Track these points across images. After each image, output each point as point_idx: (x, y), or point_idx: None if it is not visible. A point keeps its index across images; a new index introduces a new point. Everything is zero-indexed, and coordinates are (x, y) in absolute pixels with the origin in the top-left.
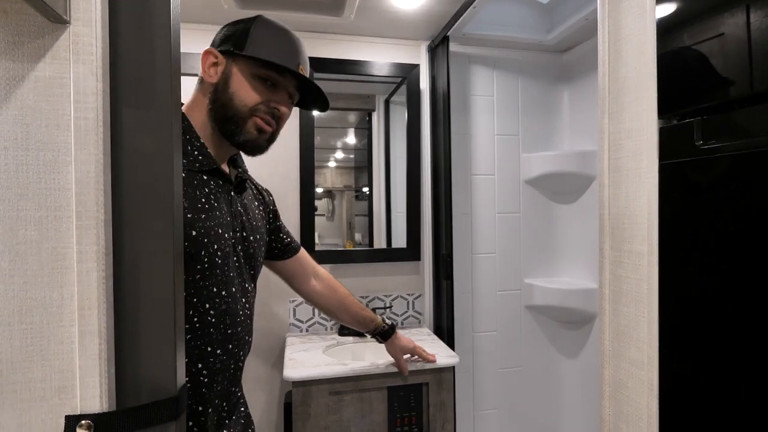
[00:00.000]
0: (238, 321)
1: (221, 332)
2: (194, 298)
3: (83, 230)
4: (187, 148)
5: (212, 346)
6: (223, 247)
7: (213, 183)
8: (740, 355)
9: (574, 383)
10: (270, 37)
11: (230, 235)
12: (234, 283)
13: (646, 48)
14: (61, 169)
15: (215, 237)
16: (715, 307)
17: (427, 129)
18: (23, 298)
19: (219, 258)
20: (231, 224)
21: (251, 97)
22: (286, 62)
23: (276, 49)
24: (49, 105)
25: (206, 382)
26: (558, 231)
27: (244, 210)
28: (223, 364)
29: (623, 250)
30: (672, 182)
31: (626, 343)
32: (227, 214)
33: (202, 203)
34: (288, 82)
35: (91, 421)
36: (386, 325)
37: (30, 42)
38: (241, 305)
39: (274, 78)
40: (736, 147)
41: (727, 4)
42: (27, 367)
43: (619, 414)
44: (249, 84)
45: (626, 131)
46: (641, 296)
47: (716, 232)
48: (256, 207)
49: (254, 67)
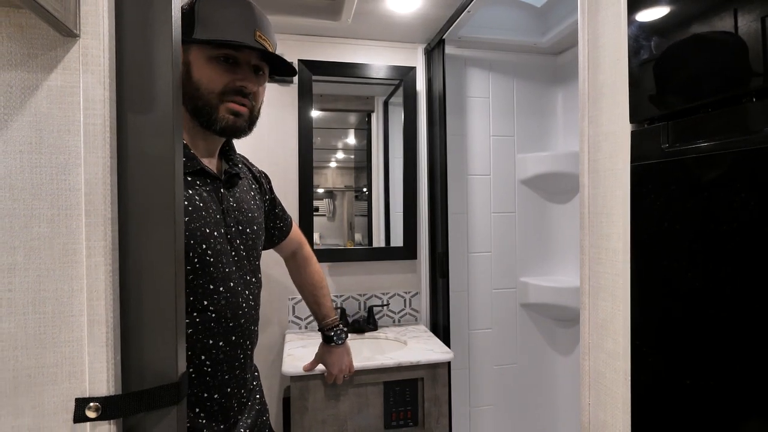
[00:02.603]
0: (240, 314)
1: (222, 326)
2: (191, 297)
3: (92, 227)
4: None
5: (214, 339)
6: (214, 246)
7: (199, 182)
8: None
9: (567, 379)
10: (217, 11)
11: (222, 232)
12: (233, 278)
13: (621, 56)
14: (72, 171)
15: (202, 237)
16: (681, 301)
17: (424, 130)
18: (37, 290)
19: (210, 256)
20: (223, 221)
21: (215, 82)
22: (239, 36)
23: (226, 23)
24: (61, 112)
25: (210, 372)
26: (552, 230)
27: (237, 204)
28: (227, 355)
29: (601, 247)
30: (642, 183)
31: (604, 335)
32: (216, 212)
33: (184, 206)
34: (249, 55)
35: (99, 404)
36: (328, 333)
37: (43, 54)
38: (243, 298)
39: (232, 55)
40: (698, 150)
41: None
42: (40, 353)
43: (598, 403)
44: (209, 69)
45: (604, 134)
46: (617, 291)
47: (680, 230)
48: (251, 198)
49: (208, 49)
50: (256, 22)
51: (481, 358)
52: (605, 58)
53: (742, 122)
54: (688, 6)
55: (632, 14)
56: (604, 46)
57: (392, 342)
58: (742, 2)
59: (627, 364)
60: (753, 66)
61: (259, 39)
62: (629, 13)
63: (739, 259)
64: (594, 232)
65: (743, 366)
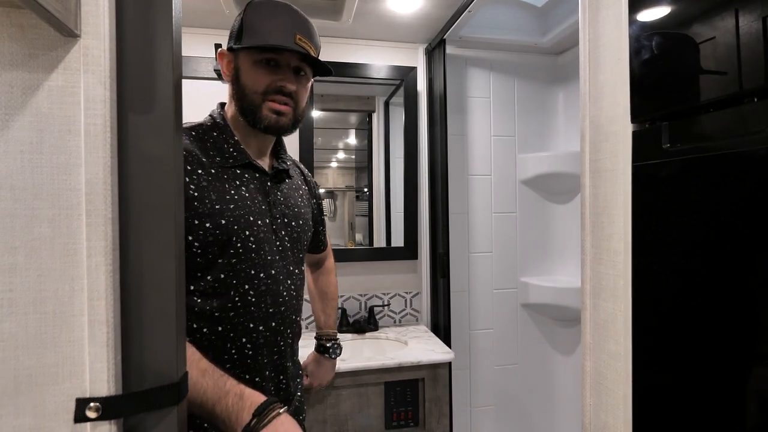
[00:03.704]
0: (280, 301)
1: (263, 311)
2: (233, 280)
3: (92, 227)
4: (222, 146)
5: (254, 323)
6: (257, 233)
7: (247, 176)
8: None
9: (568, 380)
10: (262, 20)
11: (267, 221)
12: (275, 266)
13: (622, 55)
14: (73, 171)
15: (245, 224)
16: (683, 301)
17: (424, 130)
18: (38, 290)
19: (253, 242)
20: (268, 212)
21: (258, 84)
22: (279, 40)
23: (269, 30)
24: (62, 112)
25: (251, 354)
26: (553, 230)
27: (285, 198)
28: (267, 340)
29: (602, 247)
30: (643, 183)
31: (605, 336)
32: (262, 203)
33: (230, 195)
34: (289, 57)
35: (99, 404)
36: (326, 344)
37: (44, 54)
38: (285, 287)
39: (273, 58)
40: (698, 150)
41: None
42: (41, 353)
43: (599, 403)
44: (253, 72)
45: (605, 134)
46: (618, 292)
47: (682, 231)
48: (299, 196)
49: (253, 54)
50: (297, 27)
51: (481, 358)
52: (606, 57)
53: (743, 122)
54: (689, 6)
55: (633, 14)
56: (605, 45)
57: (393, 342)
58: (744, 2)
59: (628, 364)
60: (754, 66)
61: (299, 42)
62: (630, 13)
63: (742, 261)
64: (595, 233)
65: (747, 368)
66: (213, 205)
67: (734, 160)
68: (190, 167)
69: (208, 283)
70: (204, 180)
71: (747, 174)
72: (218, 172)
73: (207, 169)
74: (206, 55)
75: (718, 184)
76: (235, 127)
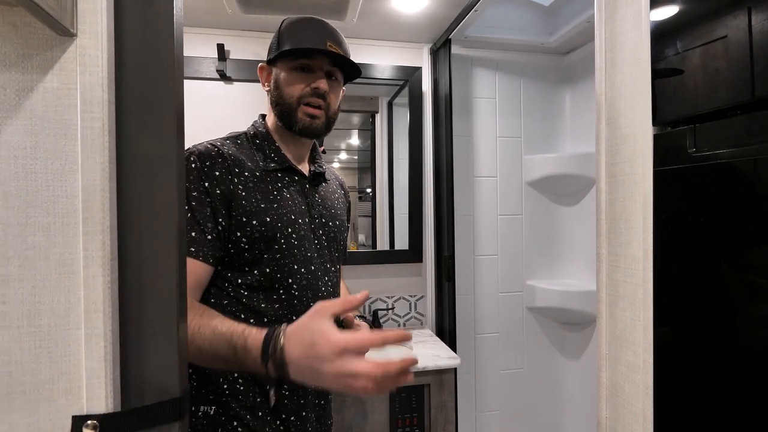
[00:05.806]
0: (320, 296)
1: (305, 305)
2: (278, 274)
3: (89, 236)
4: (265, 151)
5: (297, 315)
6: (299, 230)
7: (287, 178)
8: (732, 360)
9: (576, 385)
10: (295, 30)
11: (306, 221)
12: (314, 263)
13: (642, 55)
14: (69, 177)
15: (288, 222)
16: (711, 313)
17: (429, 131)
18: (32, 302)
19: (295, 239)
20: (307, 212)
21: (294, 88)
22: (311, 44)
23: (301, 38)
24: (57, 115)
25: None
26: (560, 233)
27: (322, 200)
28: None
29: (619, 254)
30: (666, 189)
31: (623, 346)
32: (301, 203)
33: (273, 195)
34: (321, 62)
35: (96, 422)
36: None
37: (39, 54)
38: (323, 282)
39: (307, 64)
40: (727, 155)
41: (721, 12)
42: (35, 368)
43: (616, 417)
44: (289, 77)
45: (622, 137)
46: (637, 300)
47: (707, 240)
48: (335, 199)
49: (289, 61)
50: (327, 35)
51: (487, 362)
52: (624, 57)
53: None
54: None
55: (655, 11)
56: (623, 44)
57: (397, 347)
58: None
59: (648, 377)
60: None
61: (330, 47)
62: (652, 11)
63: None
64: (612, 239)
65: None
66: (259, 204)
67: (766, 166)
68: (238, 170)
69: (255, 278)
70: (250, 182)
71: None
72: (262, 175)
73: (252, 172)
74: (208, 56)
75: (749, 191)
76: (276, 134)
